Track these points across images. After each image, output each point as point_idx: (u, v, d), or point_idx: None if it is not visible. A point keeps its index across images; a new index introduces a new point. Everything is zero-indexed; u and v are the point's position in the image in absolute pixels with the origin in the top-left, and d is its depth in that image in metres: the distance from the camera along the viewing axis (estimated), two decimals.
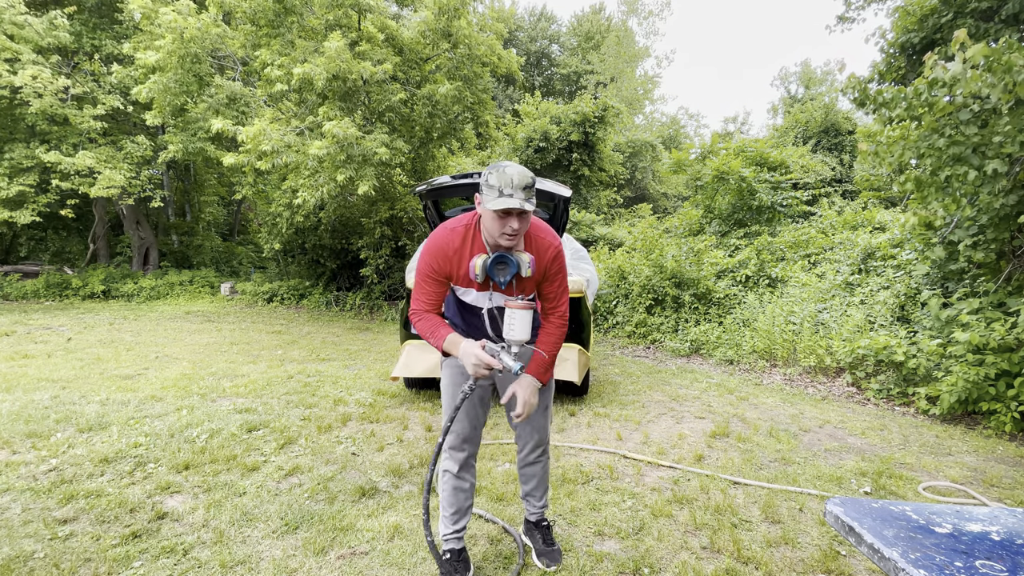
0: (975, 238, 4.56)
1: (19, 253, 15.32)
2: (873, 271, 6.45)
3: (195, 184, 16.73)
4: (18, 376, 4.96)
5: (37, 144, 11.26)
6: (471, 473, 2.11)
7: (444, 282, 1.91)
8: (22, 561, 2.11)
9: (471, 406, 2.03)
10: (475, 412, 2.05)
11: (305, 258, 12.27)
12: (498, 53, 10.18)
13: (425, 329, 1.89)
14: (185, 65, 8.85)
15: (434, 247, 1.87)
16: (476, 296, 1.94)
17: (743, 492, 2.92)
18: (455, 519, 2.08)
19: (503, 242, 1.76)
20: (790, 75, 27.95)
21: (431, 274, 1.88)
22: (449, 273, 1.88)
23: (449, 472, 2.07)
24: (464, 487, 2.09)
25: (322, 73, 7.42)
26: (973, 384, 4.15)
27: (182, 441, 3.39)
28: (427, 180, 4.88)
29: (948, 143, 4.06)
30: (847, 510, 1.21)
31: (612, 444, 3.61)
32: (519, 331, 1.82)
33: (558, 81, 27.10)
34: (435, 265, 1.87)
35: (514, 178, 1.68)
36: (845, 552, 2.34)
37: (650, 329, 7.65)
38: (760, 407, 4.65)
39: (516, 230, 1.73)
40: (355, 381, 5.15)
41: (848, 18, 8.45)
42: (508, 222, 1.72)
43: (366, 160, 7.88)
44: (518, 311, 1.81)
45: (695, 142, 23.15)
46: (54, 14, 10.69)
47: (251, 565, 2.14)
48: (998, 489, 3.07)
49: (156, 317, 9.75)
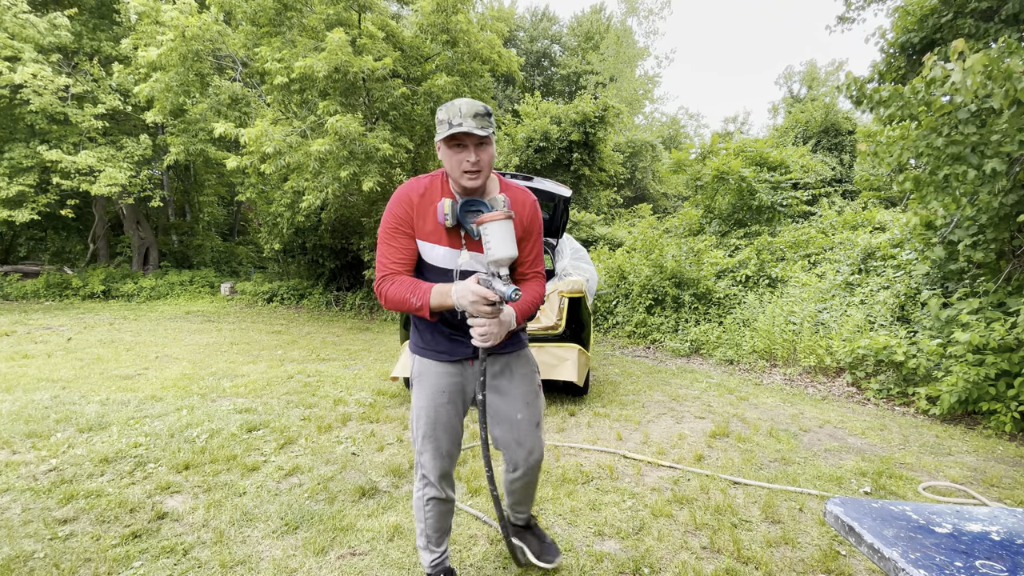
0: (975, 238, 4.56)
1: (19, 253, 15.33)
2: (873, 271, 6.45)
3: (195, 184, 16.74)
4: (18, 376, 4.96)
5: (37, 143, 11.27)
6: (452, 488, 1.92)
7: (409, 235, 1.69)
8: (22, 561, 2.11)
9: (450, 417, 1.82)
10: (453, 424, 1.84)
11: (305, 258, 12.29)
12: (498, 51, 10.19)
13: (402, 292, 1.62)
14: (187, 63, 8.86)
15: (398, 195, 1.70)
16: (445, 254, 1.69)
17: (743, 492, 2.92)
18: (442, 540, 1.94)
19: (465, 182, 1.59)
20: (794, 75, 27.98)
21: (397, 224, 1.67)
22: (412, 221, 1.67)
23: (435, 498, 1.86)
24: (450, 507, 1.92)
25: (323, 67, 7.42)
26: (973, 384, 4.15)
27: (182, 441, 3.39)
28: None
29: (947, 142, 4.06)
30: (847, 510, 1.21)
31: (612, 444, 3.61)
32: (501, 246, 1.56)
33: (558, 81, 27.10)
34: (399, 212, 1.67)
35: (462, 107, 1.53)
36: (845, 552, 2.34)
37: (650, 329, 7.65)
38: (760, 407, 4.65)
39: (475, 163, 1.57)
40: (355, 381, 5.15)
41: (848, 18, 8.46)
42: (464, 155, 1.57)
43: (369, 157, 7.88)
44: (493, 223, 1.56)
45: (695, 142, 23.19)
46: (55, 15, 10.70)
47: (251, 565, 2.14)
48: (998, 489, 3.07)
49: (156, 317, 9.75)
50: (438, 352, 1.81)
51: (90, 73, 11.57)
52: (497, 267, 1.60)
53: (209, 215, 18.12)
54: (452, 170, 1.61)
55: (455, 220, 1.63)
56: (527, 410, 1.86)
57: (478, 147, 1.58)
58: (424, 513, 1.88)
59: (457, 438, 1.86)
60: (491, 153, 1.62)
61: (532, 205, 1.77)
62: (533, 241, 1.78)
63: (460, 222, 1.65)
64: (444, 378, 1.82)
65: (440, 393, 1.81)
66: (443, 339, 1.80)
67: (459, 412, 1.86)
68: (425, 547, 1.93)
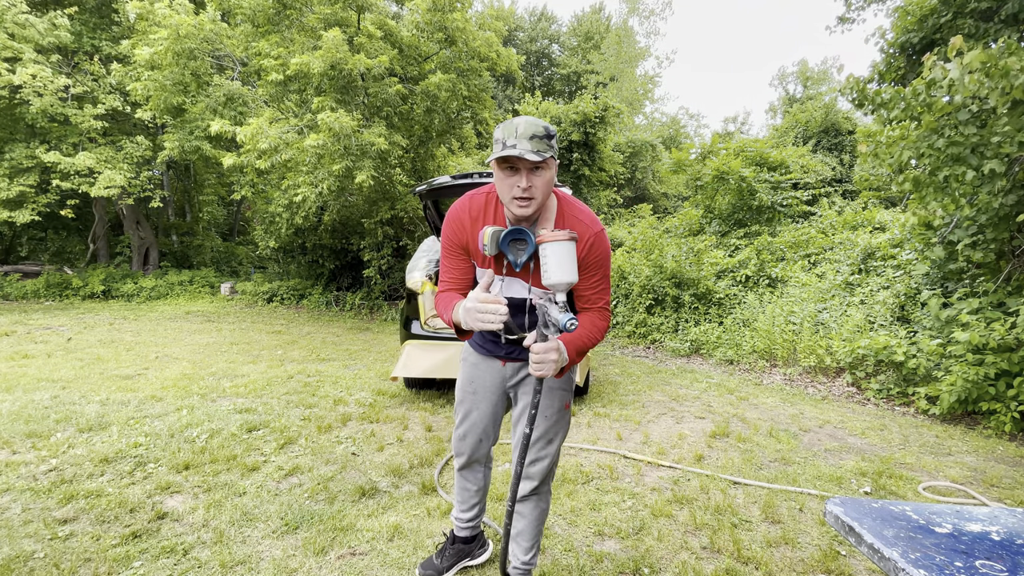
0: (974, 238, 4.56)
1: (19, 253, 15.32)
2: (873, 271, 6.45)
3: (195, 184, 16.74)
4: (18, 376, 4.96)
5: (37, 144, 11.27)
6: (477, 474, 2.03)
7: (464, 255, 1.65)
8: (22, 561, 2.11)
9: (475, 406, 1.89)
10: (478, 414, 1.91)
11: (305, 258, 12.28)
12: (496, 50, 10.18)
13: (440, 308, 1.61)
14: (181, 62, 8.85)
15: (451, 214, 1.64)
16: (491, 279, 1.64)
17: (743, 492, 2.92)
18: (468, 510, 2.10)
19: (515, 208, 1.49)
20: (788, 75, 28.01)
21: (449, 245, 1.66)
22: (465, 243, 1.63)
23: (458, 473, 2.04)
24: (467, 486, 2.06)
25: (319, 64, 7.42)
26: (973, 384, 4.15)
27: (182, 441, 3.39)
28: (427, 180, 4.88)
29: (947, 143, 4.06)
30: (847, 510, 1.21)
31: (612, 444, 3.61)
32: (559, 270, 1.41)
33: (558, 81, 27.10)
34: (450, 234, 1.64)
35: (519, 127, 1.41)
36: (845, 552, 2.34)
37: (650, 329, 7.65)
38: (760, 407, 4.65)
39: (526, 189, 1.45)
40: (355, 381, 5.15)
41: (848, 19, 8.46)
42: (515, 179, 1.45)
43: (364, 153, 7.88)
44: (552, 244, 1.41)
45: (695, 142, 23.16)
46: (55, 14, 10.70)
47: (251, 565, 2.14)
48: (998, 489, 3.07)
49: (156, 317, 9.75)
50: (474, 342, 1.89)
51: (90, 72, 11.57)
52: (554, 292, 1.46)
53: (209, 215, 18.11)
54: (503, 194, 1.51)
55: (495, 250, 1.54)
56: (544, 423, 1.81)
57: (532, 172, 1.46)
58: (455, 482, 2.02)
59: (479, 429, 1.91)
60: (548, 179, 1.49)
61: (594, 235, 1.60)
62: (598, 276, 1.63)
63: (503, 251, 1.56)
64: (473, 369, 1.89)
65: (469, 383, 1.90)
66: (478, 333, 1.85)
67: (491, 404, 1.89)
68: (455, 512, 2.10)
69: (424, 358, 4.25)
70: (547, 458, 1.84)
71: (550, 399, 1.80)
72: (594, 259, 1.60)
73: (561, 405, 1.82)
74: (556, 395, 1.81)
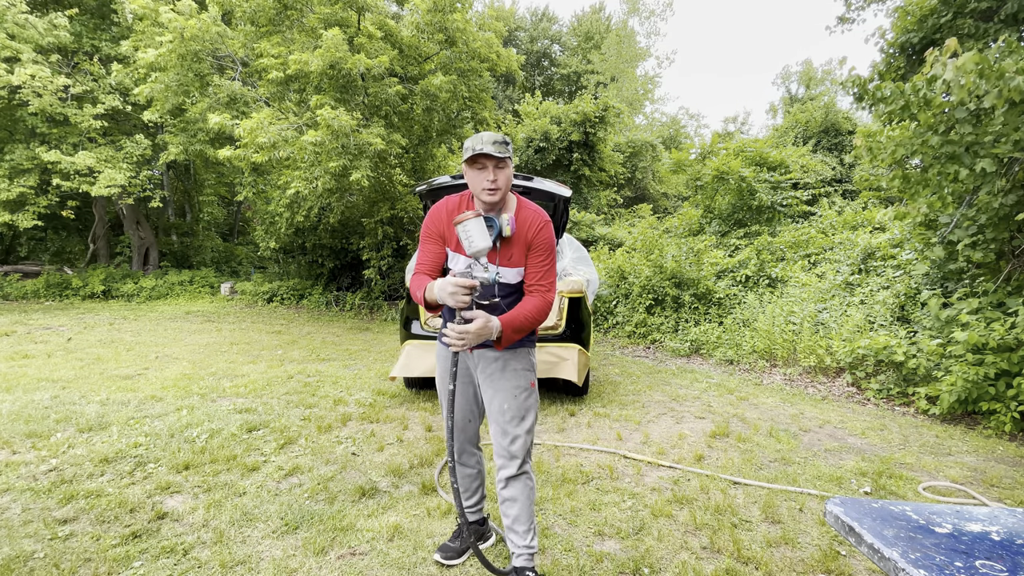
0: (974, 238, 4.56)
1: (19, 253, 15.32)
2: (873, 271, 6.45)
3: (195, 184, 16.74)
4: (18, 376, 4.96)
5: (37, 144, 11.26)
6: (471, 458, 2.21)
7: (439, 242, 2.01)
8: (22, 561, 2.11)
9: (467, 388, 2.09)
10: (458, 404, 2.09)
11: (305, 258, 12.28)
12: (496, 50, 10.18)
13: (414, 287, 1.93)
14: (186, 64, 8.86)
15: (433, 209, 2.04)
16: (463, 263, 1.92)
17: (743, 492, 2.92)
18: (469, 498, 2.25)
19: (485, 197, 1.86)
20: (791, 75, 28.00)
21: (427, 233, 2.02)
22: (442, 232, 1.99)
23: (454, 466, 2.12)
24: (468, 472, 2.21)
25: (318, 63, 7.43)
26: (973, 384, 4.15)
27: (182, 441, 3.39)
28: (427, 180, 4.89)
29: (941, 141, 4.07)
30: (847, 510, 1.21)
31: (612, 444, 3.61)
32: (477, 239, 1.78)
33: (558, 81, 27.10)
34: (430, 223, 2.01)
35: (484, 136, 1.83)
36: (845, 552, 2.34)
37: (650, 329, 7.65)
38: (760, 407, 4.65)
39: (494, 180, 1.83)
40: (355, 381, 5.15)
41: (848, 19, 8.47)
42: (484, 174, 1.83)
43: (361, 152, 7.88)
44: (467, 222, 1.78)
45: (695, 142, 23.14)
46: (55, 14, 10.70)
47: (251, 565, 2.14)
48: (998, 489, 3.07)
49: (156, 317, 9.75)
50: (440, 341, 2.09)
51: (90, 72, 11.56)
52: (476, 257, 1.83)
53: (209, 215, 18.11)
54: (475, 188, 1.88)
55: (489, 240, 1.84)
56: (513, 402, 1.98)
57: (496, 168, 1.84)
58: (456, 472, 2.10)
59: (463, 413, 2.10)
60: (508, 175, 1.88)
61: (543, 221, 1.95)
62: (543, 255, 1.94)
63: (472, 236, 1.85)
64: (445, 362, 2.06)
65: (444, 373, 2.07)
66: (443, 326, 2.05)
67: (466, 387, 2.08)
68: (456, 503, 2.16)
69: (424, 358, 4.25)
70: (523, 435, 2.00)
71: (515, 380, 1.99)
72: (542, 240, 1.94)
73: (526, 384, 2.02)
74: (521, 375, 2.01)
